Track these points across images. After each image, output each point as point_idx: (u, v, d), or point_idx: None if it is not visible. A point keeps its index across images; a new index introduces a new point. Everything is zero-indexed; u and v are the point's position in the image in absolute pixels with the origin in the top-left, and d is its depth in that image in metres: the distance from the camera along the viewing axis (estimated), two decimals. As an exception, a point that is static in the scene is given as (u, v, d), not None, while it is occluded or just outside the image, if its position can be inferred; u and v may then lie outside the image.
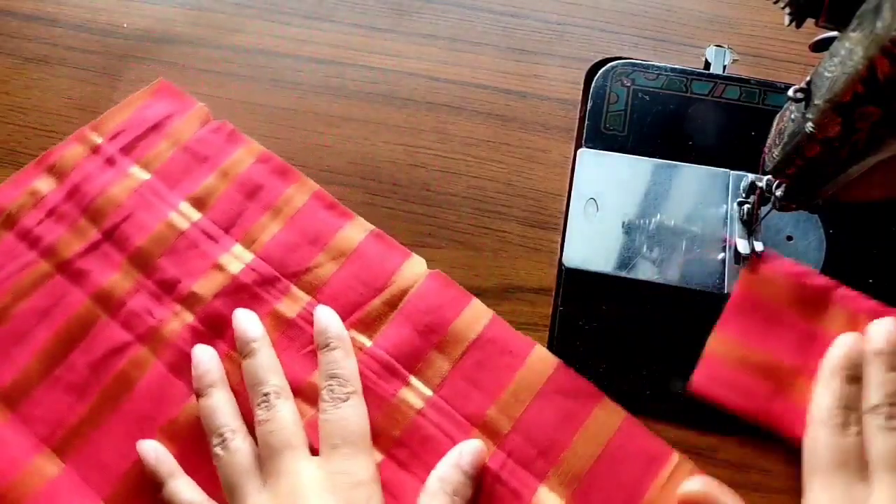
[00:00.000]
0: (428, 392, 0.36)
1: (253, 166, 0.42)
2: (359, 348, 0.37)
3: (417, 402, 0.35)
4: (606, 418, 0.35)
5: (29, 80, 0.47)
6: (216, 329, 0.37)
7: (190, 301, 0.38)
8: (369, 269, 0.39)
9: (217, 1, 0.50)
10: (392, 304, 0.38)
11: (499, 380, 0.36)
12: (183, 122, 0.43)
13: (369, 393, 0.35)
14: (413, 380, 0.36)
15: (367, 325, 0.37)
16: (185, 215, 0.40)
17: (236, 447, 0.32)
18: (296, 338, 0.37)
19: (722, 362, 0.36)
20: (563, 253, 0.40)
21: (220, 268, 0.38)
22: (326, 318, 0.37)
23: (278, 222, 0.40)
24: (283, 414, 0.33)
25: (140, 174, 0.41)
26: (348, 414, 0.33)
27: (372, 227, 0.40)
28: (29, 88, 0.46)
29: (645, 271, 0.39)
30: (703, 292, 0.39)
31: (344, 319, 0.37)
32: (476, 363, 0.36)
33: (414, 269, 0.39)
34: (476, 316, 0.37)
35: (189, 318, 0.37)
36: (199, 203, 0.40)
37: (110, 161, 0.41)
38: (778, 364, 0.35)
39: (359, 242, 0.40)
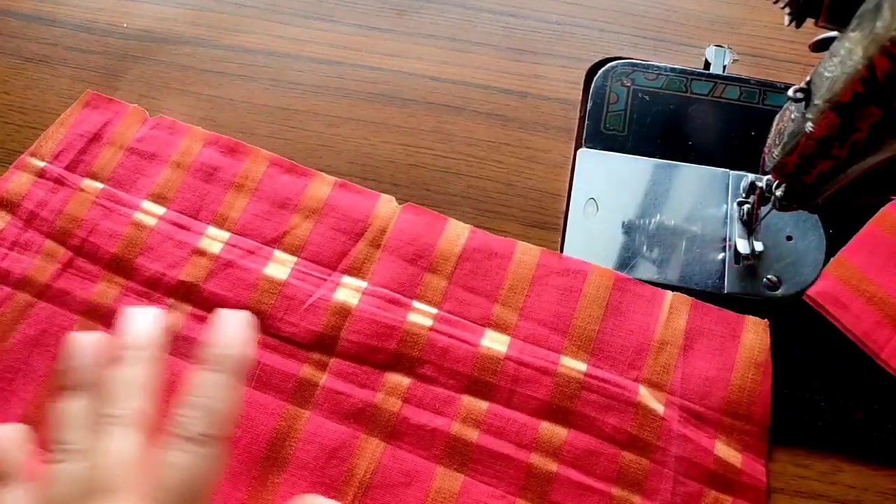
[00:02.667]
0: (433, 310, 0.37)
1: (203, 151, 0.42)
2: (357, 290, 0.38)
3: (426, 322, 0.37)
4: (600, 281, 0.38)
5: (29, 80, 0.47)
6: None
7: (182, 291, 0.38)
8: (345, 218, 0.40)
9: (217, 1, 0.50)
10: (375, 243, 0.39)
11: (494, 280, 0.38)
12: (121, 126, 0.43)
13: (379, 327, 0.36)
14: (416, 304, 0.38)
15: (358, 269, 0.39)
16: (149, 213, 0.40)
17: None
18: (294, 296, 0.38)
19: (840, 282, 0.37)
20: (563, 253, 0.40)
21: (200, 252, 0.39)
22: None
23: (244, 197, 0.41)
24: (120, 448, 0.24)
25: (93, 185, 0.41)
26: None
27: (335, 178, 0.41)
28: (29, 88, 0.46)
29: (645, 271, 0.39)
30: (703, 292, 0.39)
31: (333, 269, 0.39)
32: (469, 273, 0.39)
33: (387, 207, 0.41)
34: (457, 232, 0.40)
35: (187, 307, 0.37)
36: (159, 198, 0.41)
37: (59, 181, 0.41)
38: (888, 299, 0.37)
39: (328, 196, 0.41)
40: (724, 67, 0.46)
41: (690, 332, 0.37)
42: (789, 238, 0.40)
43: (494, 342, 0.36)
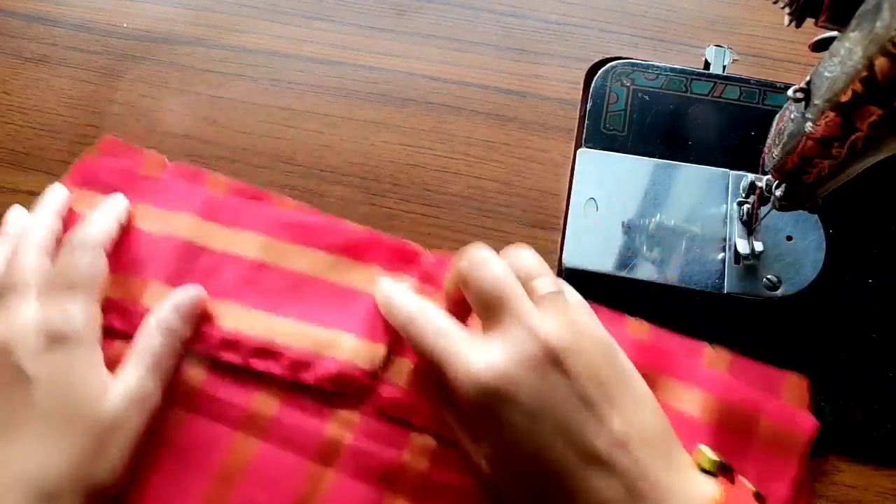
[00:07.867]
0: None
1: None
2: None
3: None
4: (635, 330, 0.36)
5: (29, 80, 0.47)
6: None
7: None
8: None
9: (217, 1, 0.50)
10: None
11: None
12: (142, 173, 0.41)
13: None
14: None
15: None
16: None
17: None
18: None
19: None
20: (563, 253, 0.40)
21: None
22: None
23: None
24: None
25: None
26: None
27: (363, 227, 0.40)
28: (29, 88, 0.46)
29: (645, 271, 0.39)
30: (703, 292, 0.39)
31: None
32: None
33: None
34: None
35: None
36: None
37: None
38: None
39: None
40: (724, 67, 0.46)
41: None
42: (789, 238, 0.40)
43: None
